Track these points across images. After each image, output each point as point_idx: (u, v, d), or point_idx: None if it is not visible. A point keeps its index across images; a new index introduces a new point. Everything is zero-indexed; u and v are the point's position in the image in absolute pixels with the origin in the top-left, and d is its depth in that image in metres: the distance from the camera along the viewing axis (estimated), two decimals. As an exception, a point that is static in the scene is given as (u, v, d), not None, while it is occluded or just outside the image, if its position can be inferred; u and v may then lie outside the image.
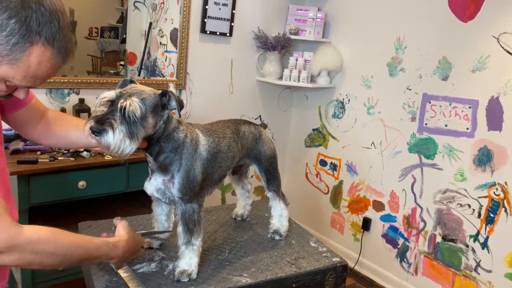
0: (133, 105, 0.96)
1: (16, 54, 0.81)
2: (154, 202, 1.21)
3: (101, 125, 0.95)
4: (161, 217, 1.22)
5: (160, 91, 1.04)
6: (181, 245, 1.11)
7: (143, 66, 2.80)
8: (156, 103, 1.01)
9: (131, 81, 1.06)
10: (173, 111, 1.05)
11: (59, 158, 2.06)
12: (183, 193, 1.09)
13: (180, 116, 1.07)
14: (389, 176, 2.84)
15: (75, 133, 1.11)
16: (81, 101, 2.41)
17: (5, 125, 2.28)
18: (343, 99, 3.11)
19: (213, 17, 2.84)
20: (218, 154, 1.18)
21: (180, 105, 1.04)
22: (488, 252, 2.36)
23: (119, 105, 0.96)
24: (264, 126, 1.43)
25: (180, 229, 1.11)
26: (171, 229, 1.25)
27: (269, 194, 1.37)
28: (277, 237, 1.36)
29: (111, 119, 0.96)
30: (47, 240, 0.88)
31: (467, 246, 2.45)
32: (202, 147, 1.13)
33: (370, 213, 2.99)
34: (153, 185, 1.12)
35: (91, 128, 0.95)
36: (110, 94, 0.99)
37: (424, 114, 2.61)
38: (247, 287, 1.10)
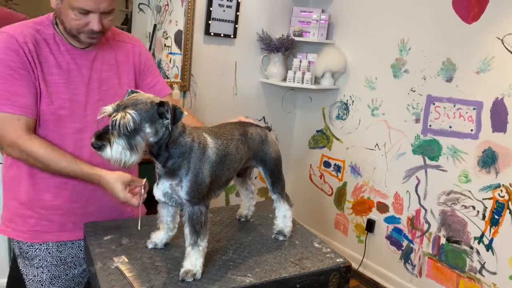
0: (126, 117, 0.97)
1: None
2: (160, 204, 1.22)
3: (100, 140, 0.98)
4: (167, 218, 1.23)
5: (158, 100, 1.03)
6: (188, 246, 1.11)
7: (147, 68, 2.80)
8: (152, 112, 1.01)
9: (132, 92, 1.07)
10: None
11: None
12: (191, 196, 1.09)
13: (171, 130, 1.05)
14: (393, 178, 2.84)
15: None
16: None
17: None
18: (347, 100, 3.11)
19: (217, 19, 2.85)
20: (226, 156, 1.18)
21: (176, 118, 1.03)
22: (493, 254, 2.35)
23: (111, 120, 0.97)
24: (269, 129, 1.43)
25: (187, 230, 1.11)
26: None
27: (273, 196, 1.37)
28: (281, 238, 1.36)
29: (109, 133, 0.98)
30: (39, 158, 1.23)
31: (471, 248, 2.45)
32: (210, 150, 1.14)
33: (374, 214, 2.99)
34: (160, 190, 1.12)
35: (92, 145, 0.99)
36: (108, 108, 1.00)
37: (428, 116, 2.61)
38: (251, 287, 1.10)
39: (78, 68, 1.32)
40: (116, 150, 0.97)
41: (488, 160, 2.34)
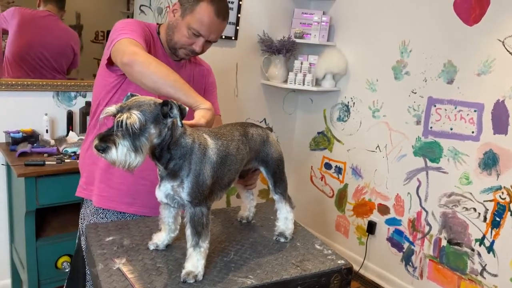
0: (132, 117, 0.96)
1: (194, 6, 1.42)
2: (162, 205, 1.22)
3: (104, 142, 0.96)
4: (169, 219, 1.23)
5: (161, 100, 1.04)
6: (189, 247, 1.11)
7: (149, 70, 2.81)
8: (156, 113, 1.01)
9: (132, 95, 1.07)
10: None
11: (66, 160, 2.08)
12: (193, 197, 1.09)
13: (182, 125, 1.06)
14: (394, 180, 2.84)
15: None
16: (88, 104, 2.43)
17: (13, 128, 2.30)
18: (348, 102, 3.11)
19: (218, 21, 2.86)
20: (227, 157, 1.18)
21: (182, 114, 1.04)
22: (494, 256, 2.35)
23: (117, 120, 0.97)
24: (270, 129, 1.43)
25: (188, 232, 1.11)
26: None
27: (275, 197, 1.37)
28: (282, 240, 1.36)
29: (114, 135, 0.97)
30: (153, 61, 1.28)
31: (472, 250, 2.44)
32: (211, 151, 1.14)
33: (375, 216, 2.99)
34: (162, 191, 1.12)
35: (95, 147, 0.97)
36: (111, 109, 1.00)
37: (429, 118, 2.61)
38: (252, 288, 1.10)
39: None
40: (121, 151, 0.96)
41: (489, 162, 2.34)
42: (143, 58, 1.28)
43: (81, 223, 1.60)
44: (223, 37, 2.91)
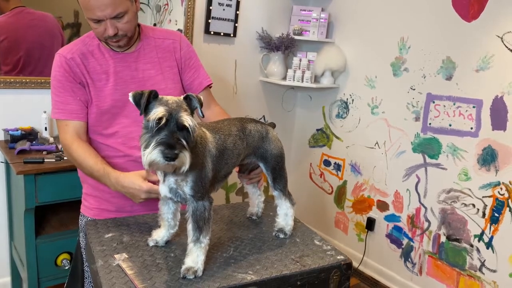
0: (192, 121, 1.00)
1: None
2: (161, 200, 1.22)
3: (174, 149, 0.97)
4: (168, 215, 1.23)
5: (182, 96, 1.06)
6: (190, 242, 1.11)
7: (147, 67, 2.81)
8: (189, 109, 1.05)
9: (156, 93, 1.06)
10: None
11: (65, 158, 2.08)
12: (196, 191, 1.10)
13: (203, 116, 1.09)
14: (393, 176, 2.84)
15: None
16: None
17: (12, 125, 2.30)
18: (347, 99, 3.11)
19: (217, 18, 2.86)
20: (224, 151, 1.19)
21: (200, 103, 1.07)
22: (493, 252, 2.35)
23: (173, 124, 0.98)
24: (273, 125, 1.43)
25: (190, 226, 1.11)
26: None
27: (274, 193, 1.37)
28: (281, 235, 1.36)
29: (179, 140, 0.98)
30: (76, 160, 1.43)
31: (471, 245, 2.45)
32: (210, 144, 1.15)
33: (374, 213, 2.99)
34: (166, 185, 1.13)
35: (166, 156, 0.96)
36: (162, 113, 0.98)
37: (428, 114, 2.61)
38: (252, 284, 1.10)
39: (123, 70, 1.46)
40: (188, 155, 1.00)
41: (488, 158, 2.34)
42: (68, 154, 1.45)
43: (81, 220, 1.60)
44: (222, 34, 2.90)
